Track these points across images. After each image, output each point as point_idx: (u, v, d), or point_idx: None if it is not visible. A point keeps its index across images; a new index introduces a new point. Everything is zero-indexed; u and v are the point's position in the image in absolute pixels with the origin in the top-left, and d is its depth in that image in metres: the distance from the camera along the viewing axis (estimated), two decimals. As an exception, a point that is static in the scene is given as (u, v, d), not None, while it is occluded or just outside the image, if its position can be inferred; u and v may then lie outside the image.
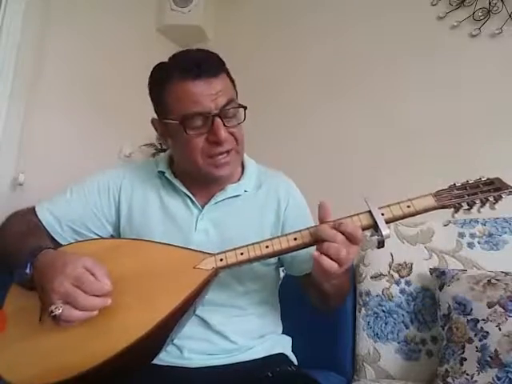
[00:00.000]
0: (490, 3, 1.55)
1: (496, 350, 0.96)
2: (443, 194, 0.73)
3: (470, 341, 1.01)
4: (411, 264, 1.28)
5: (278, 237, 0.76)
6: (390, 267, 1.31)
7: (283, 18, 2.05)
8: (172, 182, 0.95)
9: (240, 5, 2.20)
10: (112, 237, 0.98)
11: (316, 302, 0.94)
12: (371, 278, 1.32)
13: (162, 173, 0.97)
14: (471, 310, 1.04)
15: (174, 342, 0.87)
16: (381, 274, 1.31)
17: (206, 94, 0.82)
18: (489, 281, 1.06)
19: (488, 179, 0.74)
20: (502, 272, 1.10)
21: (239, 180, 0.97)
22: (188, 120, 0.83)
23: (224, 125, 0.83)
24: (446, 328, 1.09)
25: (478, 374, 0.96)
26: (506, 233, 1.22)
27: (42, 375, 0.67)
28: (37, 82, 1.59)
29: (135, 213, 0.95)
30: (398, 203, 0.73)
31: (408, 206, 0.73)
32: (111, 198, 0.97)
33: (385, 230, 0.70)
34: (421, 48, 1.69)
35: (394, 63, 1.74)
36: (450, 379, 1.00)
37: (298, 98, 1.93)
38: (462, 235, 1.27)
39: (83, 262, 0.70)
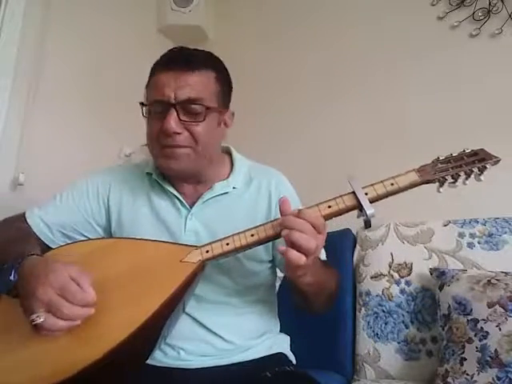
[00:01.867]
0: (489, 3, 1.55)
1: (496, 350, 0.96)
2: (426, 168, 0.72)
3: (470, 341, 1.00)
4: (411, 264, 1.28)
5: (262, 224, 0.75)
6: (390, 267, 1.31)
7: (283, 18, 2.05)
8: (159, 182, 0.94)
9: (240, 5, 2.20)
10: (102, 237, 0.97)
11: (300, 305, 0.91)
12: (371, 278, 1.32)
13: (150, 174, 0.97)
14: (471, 310, 1.04)
15: (171, 343, 0.87)
16: (381, 274, 1.31)
17: (171, 84, 0.83)
18: (489, 281, 1.06)
19: (472, 150, 0.73)
20: (502, 272, 1.10)
21: (227, 177, 0.95)
22: (150, 106, 0.86)
23: (178, 117, 0.83)
24: (446, 328, 1.09)
25: (478, 373, 0.96)
26: (505, 233, 1.22)
27: (33, 381, 0.66)
28: (37, 82, 1.59)
29: (125, 217, 0.94)
30: (382, 181, 0.73)
31: (391, 184, 0.72)
32: (100, 202, 0.96)
33: (369, 209, 0.69)
34: (421, 48, 1.69)
35: (394, 63, 1.74)
36: (450, 379, 1.00)
37: (298, 98, 1.93)
38: (461, 235, 1.27)
39: (68, 271, 0.69)
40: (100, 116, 1.80)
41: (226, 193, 0.94)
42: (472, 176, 0.71)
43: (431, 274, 1.21)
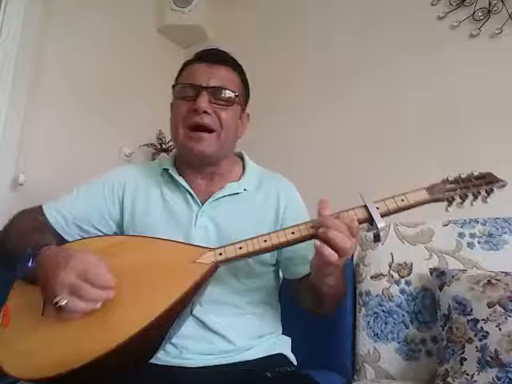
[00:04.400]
0: (489, 3, 1.55)
1: (496, 350, 0.95)
2: (436, 187, 0.75)
3: (470, 341, 1.00)
4: (411, 264, 1.28)
5: (275, 231, 0.77)
6: (390, 267, 1.30)
7: (283, 18, 2.05)
8: (175, 178, 0.98)
9: (240, 5, 2.20)
10: (115, 234, 1.00)
11: (309, 306, 0.94)
12: (371, 277, 1.32)
13: (166, 170, 1.00)
14: (471, 310, 1.04)
15: (173, 341, 0.87)
16: (381, 274, 1.31)
17: (204, 71, 0.93)
18: (489, 281, 1.06)
19: (480, 173, 0.77)
20: (502, 272, 1.09)
21: (239, 179, 0.99)
22: (181, 88, 0.94)
23: (209, 100, 0.90)
24: (446, 328, 1.09)
25: (478, 373, 0.96)
26: (505, 233, 1.22)
27: (40, 368, 0.68)
28: (37, 83, 1.59)
29: (138, 208, 0.98)
30: (393, 197, 0.75)
31: (402, 200, 0.75)
32: (115, 196, 1.00)
33: (380, 222, 0.72)
34: (421, 48, 1.69)
35: (394, 63, 1.74)
36: (450, 379, 1.00)
37: (298, 97, 1.93)
38: (461, 235, 1.27)
39: (87, 257, 0.72)
40: (100, 116, 1.80)
41: (237, 193, 0.97)
42: (479, 198, 0.74)
43: (431, 274, 1.21)
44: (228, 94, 0.93)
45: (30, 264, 0.75)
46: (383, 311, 1.27)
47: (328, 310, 0.93)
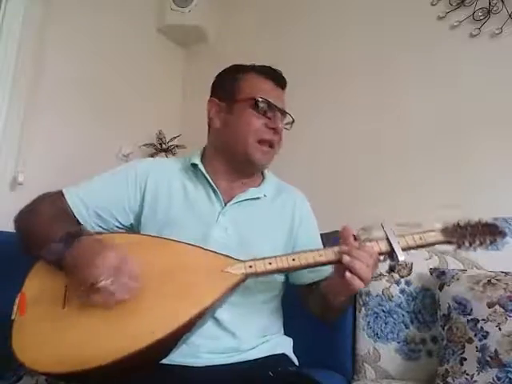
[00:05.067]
0: (489, 3, 1.55)
1: (496, 350, 0.96)
2: (449, 230, 0.83)
3: (470, 341, 1.00)
4: (411, 264, 1.28)
5: (304, 251, 0.81)
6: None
7: (283, 18, 2.05)
8: (200, 174, 1.01)
9: (240, 5, 2.20)
10: (131, 226, 1.01)
11: (316, 312, 1.00)
12: (371, 277, 1.32)
13: (195, 165, 1.02)
14: (471, 309, 1.04)
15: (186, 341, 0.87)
16: (381, 274, 1.31)
17: (276, 93, 1.02)
18: (489, 281, 1.06)
19: (486, 223, 0.84)
20: (502, 272, 1.10)
21: (259, 185, 1.05)
22: (258, 102, 0.98)
23: (282, 121, 1.03)
24: (446, 328, 1.09)
25: (478, 373, 0.96)
26: (506, 233, 1.22)
27: (56, 363, 0.68)
28: (37, 82, 1.59)
29: (159, 201, 0.99)
30: (412, 234, 0.81)
31: (420, 239, 0.81)
32: (137, 187, 1.01)
33: (401, 256, 0.78)
34: (421, 48, 1.69)
35: (394, 63, 1.74)
36: (450, 379, 1.00)
37: (298, 98, 1.92)
38: (462, 235, 1.27)
39: (120, 251, 0.75)
40: (99, 116, 1.80)
41: (258, 198, 1.02)
42: (483, 245, 0.82)
43: (431, 274, 1.21)
44: (290, 119, 1.08)
45: (63, 248, 0.76)
46: (383, 311, 1.27)
47: (334, 318, 1.00)
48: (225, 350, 0.89)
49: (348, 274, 0.75)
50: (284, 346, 0.99)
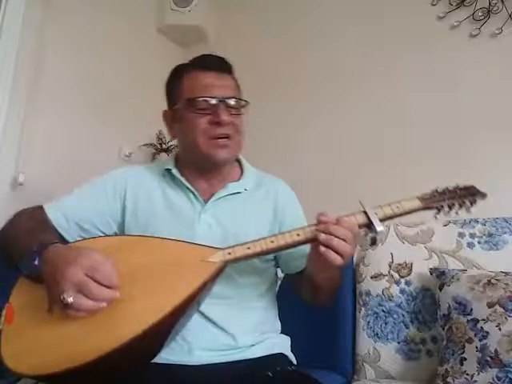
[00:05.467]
0: (489, 3, 1.55)
1: (496, 350, 0.96)
2: (427, 197, 0.84)
3: (470, 341, 1.00)
4: (411, 264, 1.28)
5: (282, 233, 0.81)
6: (390, 267, 1.30)
7: (283, 18, 2.05)
8: (177, 178, 1.00)
9: (240, 5, 2.20)
10: (115, 234, 1.01)
11: (307, 298, 0.98)
12: (371, 277, 1.32)
13: (169, 170, 1.02)
14: (471, 310, 1.04)
15: (177, 339, 0.87)
16: (381, 274, 1.31)
17: (215, 84, 0.95)
18: (489, 281, 1.06)
19: (464, 186, 0.86)
20: (502, 272, 1.10)
21: (239, 179, 1.03)
22: (195, 102, 0.94)
23: (228, 111, 0.94)
24: (445, 328, 1.09)
25: (478, 373, 0.96)
26: (505, 233, 1.22)
27: (45, 364, 0.68)
28: (37, 82, 1.59)
29: (140, 207, 0.99)
30: (389, 204, 0.82)
31: (397, 207, 0.82)
32: (117, 197, 1.01)
33: (379, 227, 0.78)
34: (421, 48, 1.69)
35: (394, 63, 1.74)
36: (450, 379, 1.00)
37: (299, 97, 1.93)
38: (461, 235, 1.27)
39: (95, 255, 0.73)
40: (100, 116, 1.80)
41: (239, 192, 1.01)
42: (464, 208, 0.83)
43: (431, 274, 1.21)
44: (240, 103, 0.98)
45: (36, 262, 0.75)
46: (383, 311, 1.27)
47: (325, 300, 0.97)
48: (220, 347, 0.89)
49: (322, 248, 0.75)
50: (282, 345, 0.99)
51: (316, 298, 0.96)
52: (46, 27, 1.63)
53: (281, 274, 1.08)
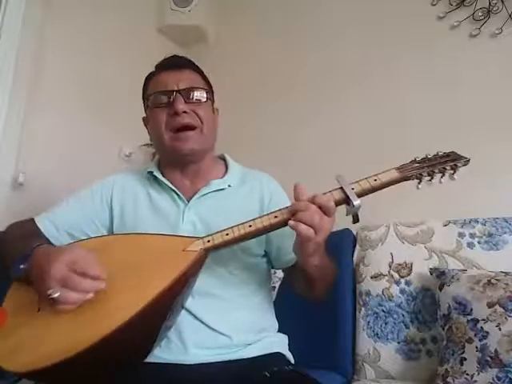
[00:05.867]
0: (489, 3, 1.55)
1: (496, 350, 0.96)
2: (405, 167, 0.81)
3: (470, 341, 1.01)
4: (411, 264, 1.28)
5: (260, 216, 0.82)
6: (390, 267, 1.31)
7: (284, 19, 2.05)
8: (159, 179, 1.02)
9: (240, 5, 2.20)
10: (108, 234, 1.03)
11: (302, 291, 0.98)
12: (371, 277, 1.32)
13: (151, 172, 1.04)
14: (471, 309, 1.04)
15: (170, 336, 0.87)
16: (381, 274, 1.31)
17: (172, 78, 0.99)
18: (489, 281, 1.06)
19: (444, 153, 0.83)
20: (502, 272, 1.10)
21: (223, 177, 1.04)
22: (154, 98, 0.99)
23: (184, 101, 0.96)
24: (445, 328, 1.09)
25: (478, 374, 0.96)
26: (505, 233, 1.22)
27: (37, 360, 0.69)
28: (37, 82, 1.59)
29: (127, 211, 1.02)
30: (366, 178, 0.80)
31: (375, 180, 0.80)
32: (104, 203, 1.04)
33: (356, 201, 0.77)
34: (421, 48, 1.69)
35: (394, 63, 1.74)
36: (450, 379, 1.00)
37: (299, 97, 1.93)
38: (461, 235, 1.27)
39: (76, 250, 0.76)
40: (100, 116, 1.80)
41: (222, 189, 1.01)
42: (446, 174, 0.80)
43: (431, 274, 1.21)
44: (199, 92, 0.99)
45: (22, 266, 0.79)
46: (383, 311, 1.27)
47: (320, 293, 0.96)
48: (216, 345, 0.88)
49: (291, 221, 0.75)
50: (279, 344, 0.98)
51: (310, 291, 0.95)
52: (46, 27, 1.63)
53: (280, 275, 1.07)
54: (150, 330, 0.77)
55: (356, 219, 0.80)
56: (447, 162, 0.80)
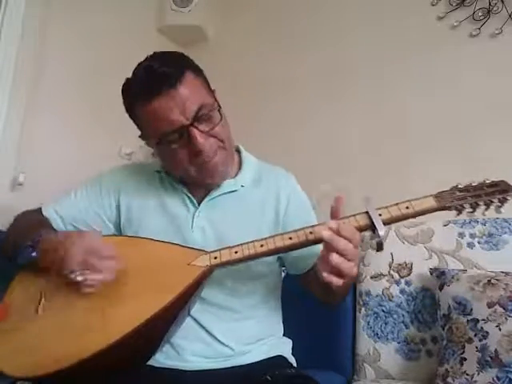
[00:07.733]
0: (489, 3, 1.55)
1: (496, 350, 0.95)
2: (445, 195, 0.71)
3: (470, 341, 1.00)
4: (411, 264, 1.28)
5: (272, 236, 0.75)
6: (390, 267, 1.31)
7: (283, 18, 2.04)
8: (169, 179, 0.97)
9: (240, 5, 2.20)
10: (113, 235, 0.99)
11: (319, 297, 0.92)
12: (371, 277, 1.32)
13: (159, 172, 0.99)
14: (471, 309, 1.04)
15: (172, 342, 0.86)
16: (381, 274, 1.31)
17: (172, 107, 0.80)
18: (489, 281, 1.06)
19: (493, 181, 0.71)
20: (502, 272, 1.09)
21: (236, 176, 0.96)
22: (165, 138, 0.84)
23: (201, 132, 0.82)
24: (446, 328, 1.09)
25: (478, 374, 0.96)
26: (506, 233, 1.22)
27: (35, 366, 0.68)
28: (37, 82, 1.59)
29: (134, 212, 0.97)
30: (397, 204, 0.72)
31: (407, 207, 0.71)
32: (112, 199, 0.99)
33: (381, 230, 0.69)
34: (420, 48, 1.68)
35: (394, 63, 1.74)
36: (449, 379, 1.00)
37: (298, 98, 1.93)
38: (461, 235, 1.27)
39: (88, 235, 0.80)
40: (100, 116, 1.80)
41: (234, 191, 0.94)
42: (492, 207, 0.69)
43: (431, 274, 1.21)
44: (209, 109, 0.84)
45: (33, 254, 0.80)
46: (383, 311, 1.27)
47: (338, 301, 0.92)
48: (217, 355, 0.88)
49: (325, 273, 0.67)
50: (281, 347, 0.97)
51: (330, 299, 0.90)
52: (46, 27, 1.63)
53: (282, 275, 1.07)
54: (152, 340, 0.76)
55: (380, 247, 0.72)
56: (495, 194, 0.68)
